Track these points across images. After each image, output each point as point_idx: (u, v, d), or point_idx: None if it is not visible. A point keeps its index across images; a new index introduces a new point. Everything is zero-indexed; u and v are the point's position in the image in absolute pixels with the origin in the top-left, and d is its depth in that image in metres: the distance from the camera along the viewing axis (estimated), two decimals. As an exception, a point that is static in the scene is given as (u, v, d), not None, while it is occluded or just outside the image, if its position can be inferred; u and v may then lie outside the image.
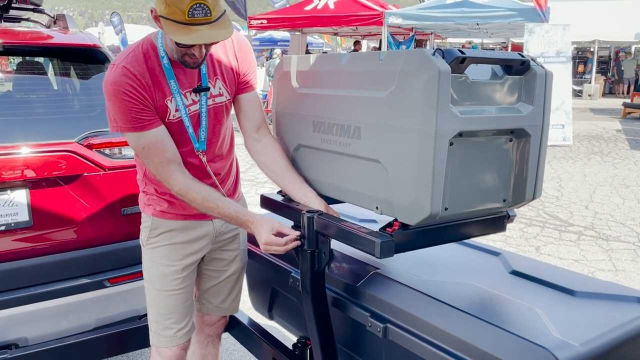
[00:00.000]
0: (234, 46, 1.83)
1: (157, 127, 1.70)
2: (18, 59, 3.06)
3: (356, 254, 1.71)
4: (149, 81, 1.68)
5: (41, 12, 3.34)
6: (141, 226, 1.96)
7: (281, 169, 1.78)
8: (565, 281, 1.50)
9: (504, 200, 1.43)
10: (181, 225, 1.90)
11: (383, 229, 1.40)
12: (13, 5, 3.04)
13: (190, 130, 1.77)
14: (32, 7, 3.21)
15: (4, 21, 3.27)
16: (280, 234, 1.63)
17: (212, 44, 1.63)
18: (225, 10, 1.58)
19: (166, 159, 1.71)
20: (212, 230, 1.95)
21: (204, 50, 1.63)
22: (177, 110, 1.74)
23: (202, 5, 1.50)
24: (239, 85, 1.86)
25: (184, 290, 1.92)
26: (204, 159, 1.83)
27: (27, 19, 3.50)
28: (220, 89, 1.82)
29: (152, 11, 1.61)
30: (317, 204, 1.66)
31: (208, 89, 1.77)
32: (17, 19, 3.43)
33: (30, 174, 2.21)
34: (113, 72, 1.66)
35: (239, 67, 1.85)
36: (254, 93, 1.90)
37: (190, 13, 1.50)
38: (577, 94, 18.49)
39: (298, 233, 1.62)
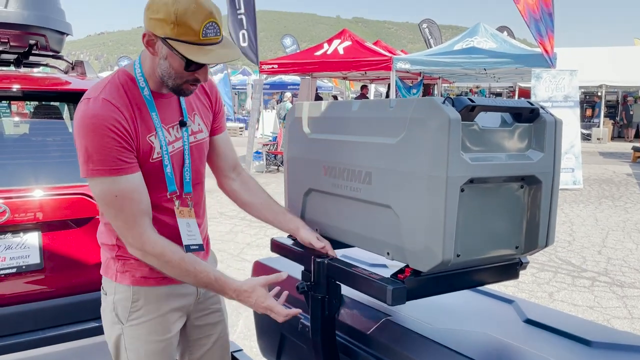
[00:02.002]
0: (204, 85, 1.73)
1: (135, 173, 1.49)
2: (34, 103, 3.13)
3: (367, 299, 1.69)
4: (132, 115, 1.50)
5: (60, 58, 3.44)
6: (110, 299, 1.64)
7: (262, 204, 1.77)
8: (580, 330, 1.47)
9: (517, 247, 1.42)
10: (166, 291, 1.66)
11: (394, 275, 1.39)
12: (33, 52, 3.14)
13: (169, 169, 1.58)
14: (51, 53, 3.31)
15: (23, 66, 3.37)
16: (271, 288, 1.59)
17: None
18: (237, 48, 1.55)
19: (141, 210, 1.49)
20: (194, 292, 1.74)
21: (209, 76, 1.55)
22: (160, 147, 1.56)
23: (213, 24, 1.42)
24: (213, 126, 1.77)
25: None
26: (191, 204, 1.65)
27: (46, 65, 3.61)
28: (199, 124, 1.70)
29: (144, 36, 1.47)
30: (306, 234, 1.65)
31: (190, 124, 1.66)
32: (36, 64, 3.54)
33: (43, 216, 2.23)
34: (92, 105, 1.44)
35: (213, 106, 1.76)
36: (227, 132, 1.85)
37: (204, 33, 1.40)
38: (586, 137, 18.53)
39: (292, 312, 1.58)
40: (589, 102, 22.01)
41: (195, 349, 1.83)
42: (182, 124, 1.62)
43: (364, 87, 16.69)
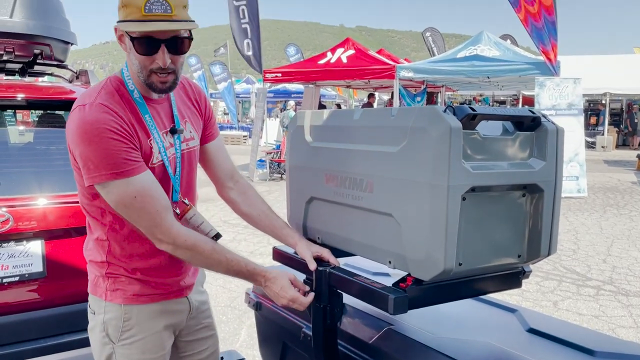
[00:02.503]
0: (192, 92, 1.72)
1: (147, 170, 1.47)
2: (39, 112, 3.15)
3: (369, 308, 1.69)
4: (130, 119, 1.48)
5: (64, 67, 3.46)
6: (100, 319, 1.59)
7: (260, 216, 1.78)
8: (584, 340, 1.46)
9: (519, 256, 1.41)
10: (159, 308, 1.62)
11: (396, 284, 1.38)
12: (38, 61, 3.16)
13: (172, 173, 1.57)
14: (56, 63, 3.33)
15: (28, 75, 3.39)
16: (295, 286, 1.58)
17: (177, 54, 1.48)
18: (194, 21, 1.48)
19: (163, 206, 1.47)
20: (187, 308, 1.71)
21: (167, 59, 1.46)
22: (159, 152, 1.54)
23: (160, 0, 1.39)
24: (205, 133, 1.75)
25: None
26: (178, 211, 1.61)
27: (51, 74, 3.64)
28: (191, 132, 1.67)
29: (115, 30, 1.48)
30: (302, 251, 1.65)
31: (182, 131, 1.62)
32: (41, 74, 3.56)
33: (46, 225, 2.23)
34: (88, 110, 1.42)
35: (203, 113, 1.74)
36: (220, 138, 1.82)
37: (147, 8, 1.38)
38: (591, 145, 18.48)
39: (308, 288, 1.60)
40: (593, 110, 21.98)
41: None
42: (173, 131, 1.59)
43: (371, 95, 16.70)
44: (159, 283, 1.61)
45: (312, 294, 1.58)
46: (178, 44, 1.47)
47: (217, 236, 1.63)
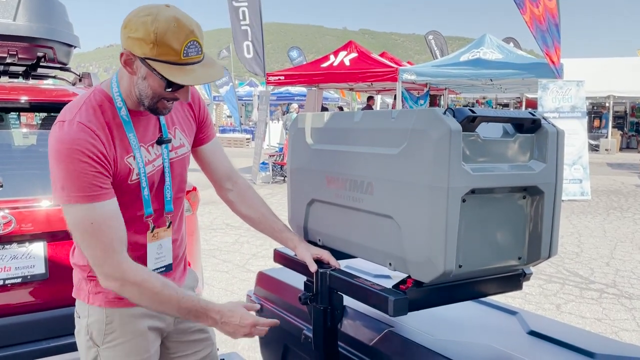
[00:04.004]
0: None
1: (111, 199, 1.43)
2: (43, 114, 3.17)
3: (369, 310, 1.69)
4: (109, 138, 1.44)
5: (68, 70, 3.48)
6: (84, 322, 1.57)
7: (259, 218, 1.78)
8: (585, 343, 1.45)
9: (519, 258, 1.41)
10: (142, 311, 1.58)
11: (396, 286, 1.39)
12: (41, 64, 3.18)
13: (146, 192, 1.53)
14: (59, 65, 3.34)
15: (32, 78, 3.41)
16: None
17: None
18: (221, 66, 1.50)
19: (119, 238, 1.42)
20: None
21: (189, 96, 1.49)
22: (138, 169, 1.52)
23: (195, 43, 1.37)
24: (199, 135, 1.72)
25: None
26: (170, 223, 1.60)
27: (54, 77, 3.65)
28: (180, 139, 1.64)
29: (121, 55, 1.41)
30: (301, 253, 1.65)
31: (170, 140, 1.59)
32: (44, 77, 3.58)
33: (48, 227, 2.24)
34: (66, 129, 1.39)
35: (197, 115, 1.70)
36: (216, 140, 1.79)
37: (185, 52, 1.35)
38: (594, 148, 18.45)
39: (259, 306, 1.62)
40: (596, 112, 21.94)
41: None
42: (160, 141, 1.57)
43: (370, 98, 16.73)
44: None
45: (273, 321, 1.56)
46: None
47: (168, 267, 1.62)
